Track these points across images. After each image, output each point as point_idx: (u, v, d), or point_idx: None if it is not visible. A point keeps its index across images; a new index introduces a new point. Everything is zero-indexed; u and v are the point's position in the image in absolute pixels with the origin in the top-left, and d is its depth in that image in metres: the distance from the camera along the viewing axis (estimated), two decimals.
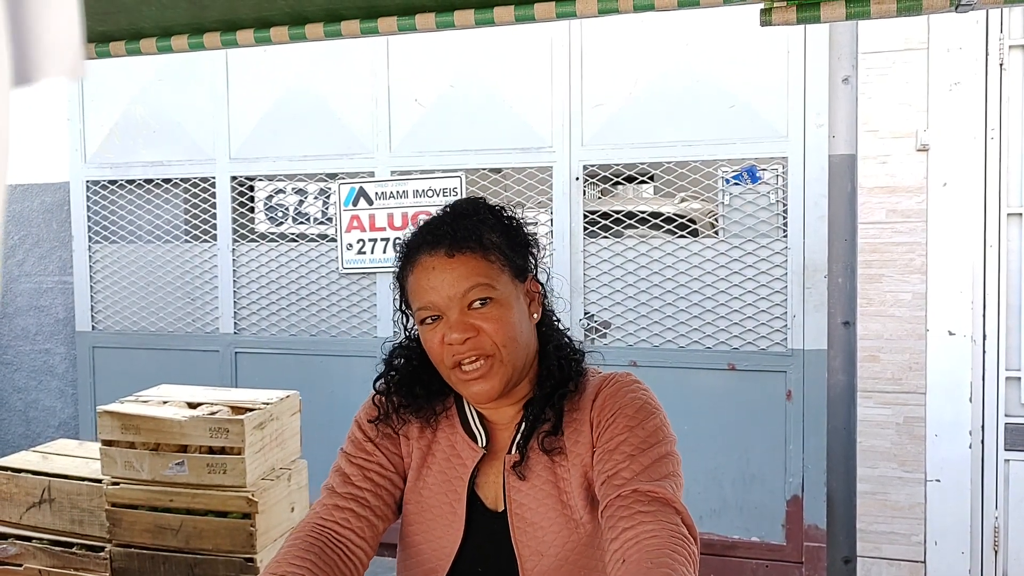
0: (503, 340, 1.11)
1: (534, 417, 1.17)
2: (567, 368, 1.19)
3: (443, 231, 1.13)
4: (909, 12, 1.31)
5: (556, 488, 1.15)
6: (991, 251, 2.97)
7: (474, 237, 1.13)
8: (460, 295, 1.10)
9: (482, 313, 1.11)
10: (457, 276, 1.11)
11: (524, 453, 1.17)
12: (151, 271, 3.95)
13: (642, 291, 3.28)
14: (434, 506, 1.21)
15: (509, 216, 1.21)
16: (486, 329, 1.11)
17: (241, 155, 3.77)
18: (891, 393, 3.06)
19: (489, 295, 1.11)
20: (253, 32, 1.65)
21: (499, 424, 1.22)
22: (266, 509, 2.21)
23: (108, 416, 2.26)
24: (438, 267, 1.11)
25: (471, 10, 1.49)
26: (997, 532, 3.01)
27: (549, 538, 1.14)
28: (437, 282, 1.11)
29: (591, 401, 1.16)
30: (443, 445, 1.23)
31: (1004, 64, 2.93)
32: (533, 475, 1.16)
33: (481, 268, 1.12)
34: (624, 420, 1.12)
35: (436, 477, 1.21)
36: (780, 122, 3.09)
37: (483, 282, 1.11)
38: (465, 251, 1.12)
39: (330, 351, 3.67)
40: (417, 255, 1.14)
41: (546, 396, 1.17)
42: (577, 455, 1.15)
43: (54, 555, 2.28)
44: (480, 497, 1.20)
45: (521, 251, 1.19)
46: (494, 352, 1.11)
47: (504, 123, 3.40)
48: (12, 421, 4.40)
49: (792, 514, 3.14)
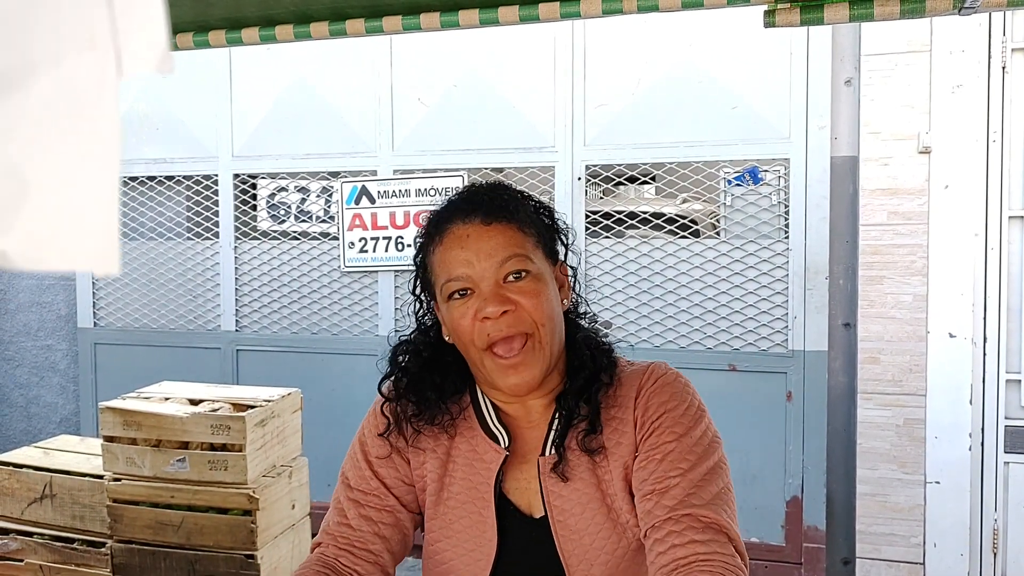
0: (542, 317, 1.02)
1: (568, 412, 1.07)
2: (599, 359, 1.10)
3: (479, 199, 1.05)
4: (912, 14, 1.32)
5: (599, 491, 1.05)
6: (992, 253, 2.98)
7: (511, 207, 1.05)
8: (497, 265, 1.01)
9: (519, 287, 1.01)
10: (494, 244, 1.01)
11: (562, 453, 1.06)
12: (153, 268, 3.96)
13: (643, 291, 3.28)
14: (461, 517, 1.10)
15: (537, 200, 1.14)
16: (524, 304, 1.01)
17: (244, 153, 3.77)
18: (891, 395, 3.06)
19: (526, 267, 1.02)
20: (258, 30, 1.65)
21: (523, 421, 1.12)
22: (267, 506, 2.21)
23: (110, 412, 2.26)
24: (473, 235, 1.02)
25: (476, 10, 1.49)
26: (996, 534, 3.01)
27: (598, 545, 1.05)
28: (471, 251, 1.01)
29: (632, 399, 1.07)
30: (463, 450, 1.12)
31: (1006, 67, 2.94)
32: (575, 477, 1.06)
33: (518, 239, 1.03)
34: (671, 424, 1.03)
35: (460, 486, 1.10)
36: (782, 124, 3.10)
37: (520, 253, 1.02)
38: (502, 220, 1.03)
39: (331, 349, 3.68)
40: (448, 225, 1.04)
41: (579, 389, 1.07)
42: (619, 456, 1.05)
43: (55, 551, 2.28)
44: (513, 502, 1.09)
45: (551, 233, 1.11)
46: (533, 331, 1.01)
47: (506, 123, 3.41)
48: (14, 417, 4.40)
49: (792, 515, 3.14)
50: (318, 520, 2.73)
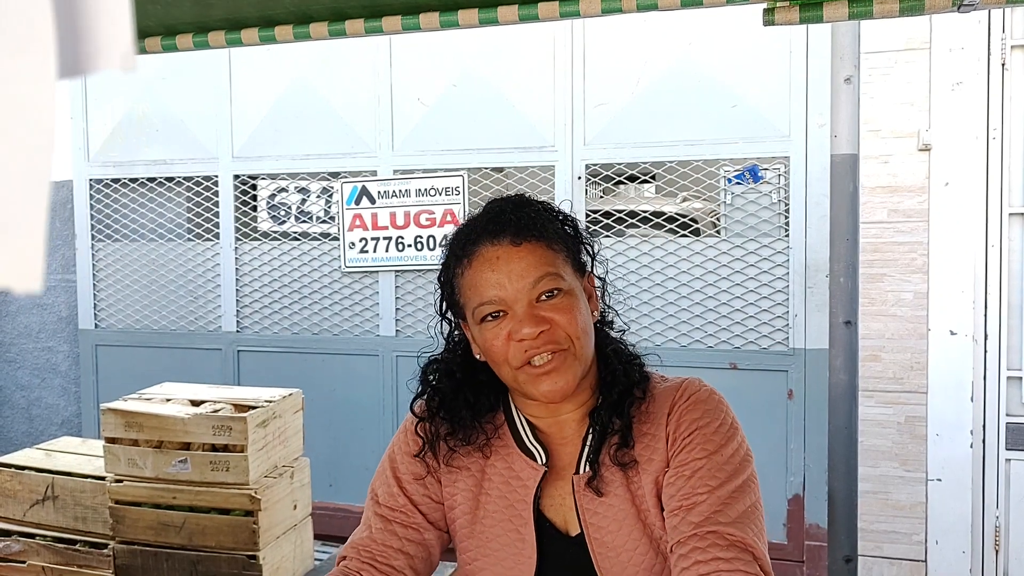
0: (576, 332, 1.03)
1: (602, 427, 1.08)
2: (631, 372, 1.10)
3: (505, 219, 1.04)
4: (911, 12, 1.32)
5: (633, 506, 1.06)
6: (993, 251, 2.98)
7: (538, 225, 1.05)
8: (529, 286, 1.01)
9: (552, 304, 1.02)
10: (525, 265, 1.02)
11: (596, 469, 1.07)
12: (154, 269, 3.96)
13: (644, 290, 3.28)
14: (499, 535, 1.10)
15: (560, 211, 1.13)
16: (559, 321, 1.02)
17: (244, 154, 3.77)
18: (892, 392, 3.06)
19: (558, 285, 1.03)
20: (257, 31, 1.65)
21: (558, 438, 1.12)
22: (268, 507, 2.21)
23: (111, 414, 2.26)
24: (503, 256, 1.02)
25: (475, 9, 1.49)
26: (998, 531, 3.01)
27: (635, 561, 1.05)
28: (502, 274, 1.01)
29: (665, 415, 1.08)
30: (499, 468, 1.11)
31: (1006, 64, 2.94)
32: (609, 492, 1.06)
33: (548, 257, 1.03)
34: (702, 441, 1.04)
35: (496, 504, 1.10)
36: (782, 122, 3.09)
37: (552, 271, 1.03)
38: (531, 239, 1.03)
39: (332, 349, 3.68)
40: (475, 247, 1.04)
41: (613, 404, 1.08)
42: (651, 471, 1.06)
43: (57, 552, 2.29)
44: (549, 520, 1.10)
45: (577, 244, 1.12)
46: (568, 345, 1.02)
47: (506, 122, 3.41)
48: (15, 419, 4.41)
49: (793, 513, 3.14)
50: (320, 520, 2.74)
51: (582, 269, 1.11)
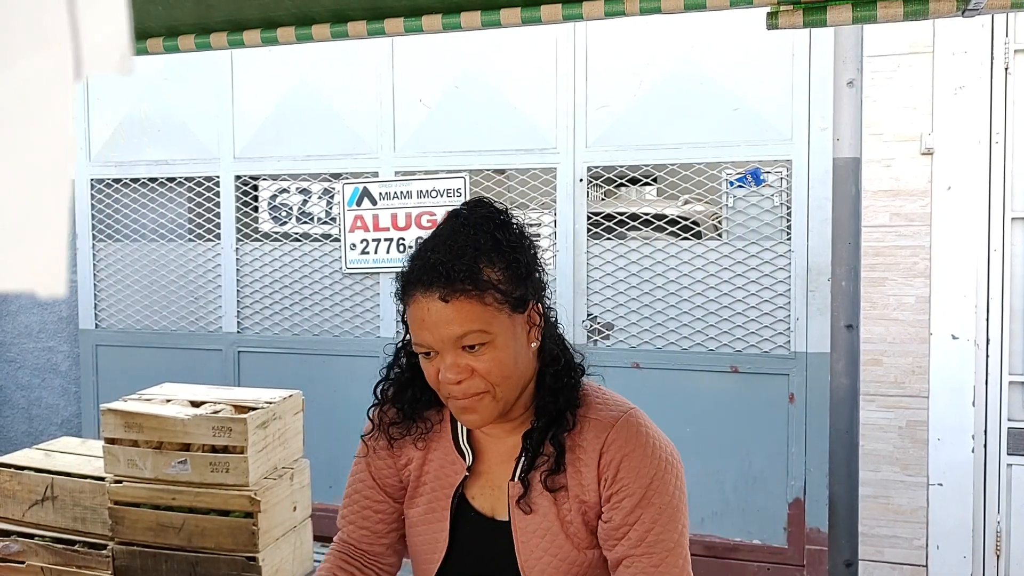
0: (496, 379, 1.10)
1: (533, 451, 1.18)
2: (565, 399, 1.17)
3: (437, 272, 1.08)
4: (915, 16, 1.31)
5: (559, 521, 1.16)
6: (995, 255, 2.97)
7: (469, 279, 1.07)
8: (453, 339, 1.08)
9: (476, 355, 1.09)
10: (451, 322, 1.07)
11: (526, 487, 1.17)
12: (155, 270, 3.96)
13: (645, 293, 3.28)
14: (423, 514, 1.24)
15: (511, 238, 1.14)
16: (479, 370, 1.09)
17: (245, 154, 3.77)
18: (894, 397, 3.05)
19: (483, 341, 1.09)
20: (260, 32, 1.65)
21: (494, 435, 1.23)
22: (268, 508, 2.21)
23: (111, 414, 2.26)
24: (432, 310, 1.08)
25: (477, 12, 1.49)
26: (999, 536, 3.00)
27: (555, 565, 1.16)
28: (431, 324, 1.08)
29: (598, 449, 1.15)
30: (437, 456, 1.25)
31: (1009, 68, 2.93)
32: (537, 511, 1.17)
33: (475, 313, 1.08)
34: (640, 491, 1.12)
35: (427, 487, 1.24)
36: (784, 125, 3.09)
37: (477, 328, 1.08)
38: (459, 295, 1.07)
39: (333, 351, 3.67)
40: (412, 291, 1.11)
41: (544, 429, 1.17)
42: (577, 496, 1.16)
43: (56, 553, 2.28)
44: (473, 505, 1.22)
45: (522, 282, 1.13)
46: (487, 389, 1.11)
47: (508, 124, 3.41)
48: (15, 418, 4.40)
49: (794, 517, 3.14)
50: (320, 522, 2.73)
51: (522, 305, 1.13)
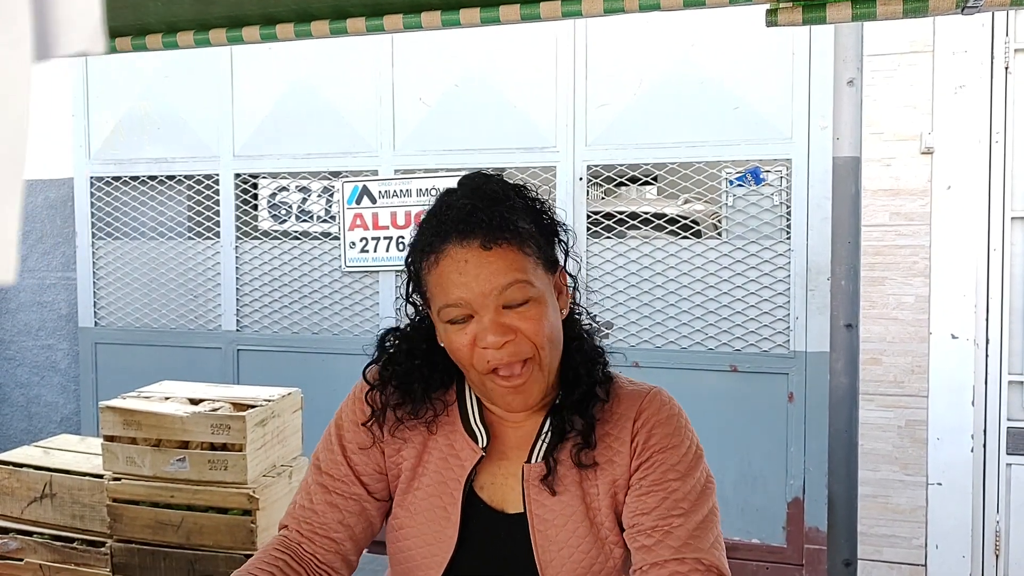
0: (542, 341, 1.00)
1: (561, 425, 1.06)
2: (595, 372, 1.08)
3: (477, 219, 0.98)
4: (915, 13, 1.31)
5: (584, 504, 1.05)
6: (995, 255, 2.97)
7: (511, 226, 0.99)
8: (497, 292, 0.97)
9: (520, 312, 0.99)
10: (494, 271, 0.97)
11: (552, 466, 1.05)
12: (154, 268, 3.95)
13: (645, 292, 3.28)
14: (426, 510, 1.09)
15: (536, 199, 1.07)
16: (524, 330, 0.99)
17: (245, 152, 3.77)
18: (893, 396, 3.05)
19: (527, 294, 0.99)
20: (259, 29, 1.65)
21: (508, 420, 1.11)
22: (267, 506, 2.21)
23: (110, 412, 2.26)
24: (472, 260, 0.97)
25: (477, 8, 1.49)
26: (998, 536, 3.00)
27: (576, 558, 1.05)
28: (470, 278, 0.97)
29: (631, 420, 1.07)
30: (441, 444, 1.11)
31: (1009, 67, 2.93)
32: (563, 491, 1.06)
33: (519, 262, 0.98)
34: (675, 463, 1.04)
35: (431, 478, 1.10)
36: (784, 124, 3.09)
37: (521, 278, 0.98)
38: (502, 243, 0.98)
39: (332, 349, 3.67)
40: (444, 245, 0.99)
41: (575, 404, 1.06)
42: (609, 473, 1.05)
43: (55, 550, 2.28)
44: (481, 498, 1.09)
45: (551, 240, 1.06)
46: (533, 354, 1.00)
47: (508, 123, 3.40)
48: (14, 416, 4.40)
49: (793, 516, 3.14)
50: None
51: (554, 266, 1.06)
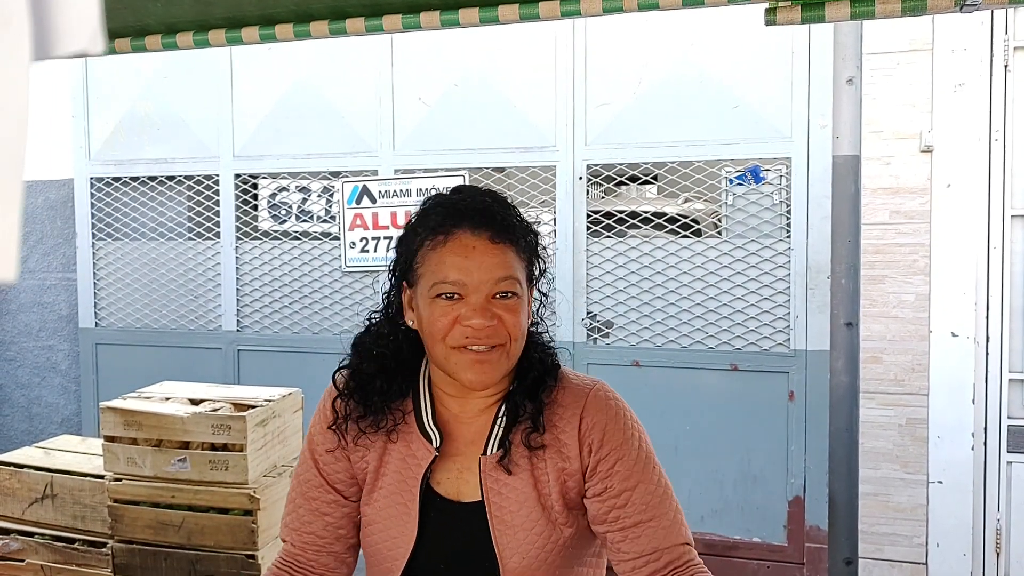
0: (517, 334, 1.11)
1: (514, 410, 1.16)
2: (546, 360, 1.19)
3: (492, 213, 1.11)
4: (914, 12, 1.31)
5: (535, 488, 1.14)
6: (995, 253, 2.97)
7: (517, 230, 1.13)
8: (493, 282, 1.09)
9: (505, 304, 1.10)
10: (496, 263, 1.09)
11: (507, 448, 1.15)
12: (154, 268, 3.96)
13: (645, 291, 3.28)
14: (388, 507, 1.19)
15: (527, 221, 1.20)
16: (506, 320, 1.10)
17: (245, 153, 3.77)
18: (893, 394, 3.06)
19: (515, 290, 1.11)
20: (258, 29, 1.65)
21: (461, 418, 1.20)
22: (268, 506, 2.21)
23: (111, 412, 2.26)
24: (479, 248, 1.09)
25: (476, 8, 1.49)
26: (999, 534, 3.00)
27: (530, 540, 1.13)
28: (474, 264, 1.08)
29: (577, 415, 1.15)
30: (399, 447, 1.20)
31: (1009, 65, 2.93)
32: (516, 471, 1.15)
33: (515, 262, 1.11)
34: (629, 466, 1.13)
35: (391, 478, 1.19)
36: (784, 123, 3.09)
37: (514, 276, 1.11)
38: (507, 241, 1.11)
39: (332, 349, 3.65)
40: (455, 228, 1.10)
41: (527, 388, 1.16)
42: (556, 460, 1.14)
43: (56, 551, 2.28)
44: (438, 492, 1.18)
45: (533, 257, 1.18)
46: (506, 342, 1.10)
47: (508, 122, 3.40)
48: (15, 417, 4.41)
49: (794, 515, 3.14)
50: None
51: (531, 280, 1.18)
